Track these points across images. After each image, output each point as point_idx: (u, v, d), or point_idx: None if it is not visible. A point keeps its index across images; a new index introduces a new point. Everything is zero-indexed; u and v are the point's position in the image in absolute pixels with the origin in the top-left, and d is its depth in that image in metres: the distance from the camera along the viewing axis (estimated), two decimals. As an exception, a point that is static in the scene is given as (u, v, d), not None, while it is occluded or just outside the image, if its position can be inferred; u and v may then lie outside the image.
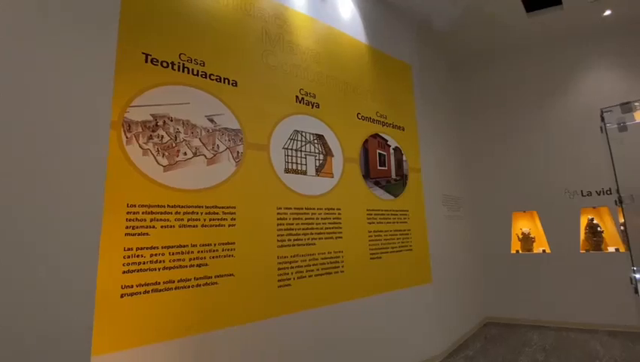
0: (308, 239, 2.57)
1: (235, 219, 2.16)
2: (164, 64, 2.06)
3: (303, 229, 2.56)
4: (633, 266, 1.95)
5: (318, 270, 2.60)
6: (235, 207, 2.17)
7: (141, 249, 1.80)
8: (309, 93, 2.85)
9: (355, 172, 3.13)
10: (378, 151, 3.41)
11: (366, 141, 3.31)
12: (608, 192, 4.21)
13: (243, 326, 2.10)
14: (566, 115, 4.67)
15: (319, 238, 2.66)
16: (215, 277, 2.03)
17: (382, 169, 3.41)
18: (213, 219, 2.08)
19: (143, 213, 1.83)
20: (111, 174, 1.72)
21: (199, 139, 2.11)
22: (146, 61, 1.99)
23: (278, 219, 2.41)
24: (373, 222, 3.17)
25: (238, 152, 2.26)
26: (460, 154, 5.08)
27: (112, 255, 1.70)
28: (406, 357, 3.16)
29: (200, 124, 2.13)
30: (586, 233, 4.44)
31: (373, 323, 2.95)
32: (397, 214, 3.43)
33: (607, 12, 4.39)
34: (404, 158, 3.66)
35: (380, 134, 3.48)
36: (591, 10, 4.34)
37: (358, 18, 3.53)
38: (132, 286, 1.73)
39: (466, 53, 5.32)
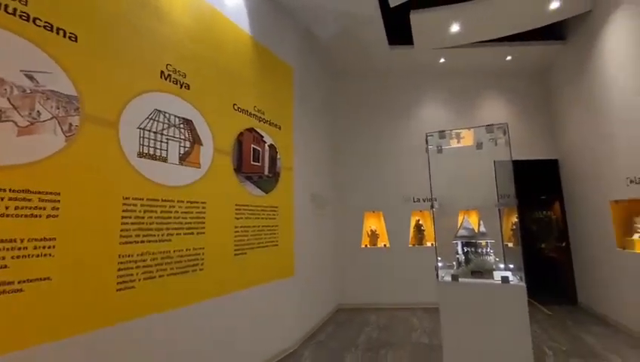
0: (162, 235, 2.28)
1: (58, 209, 1.70)
2: (-50, -16, 1.45)
3: (157, 223, 2.26)
4: (437, 257, 2.56)
5: (172, 269, 2.35)
6: (59, 193, 1.72)
7: None
8: (179, 71, 2.55)
9: (226, 164, 2.98)
10: (253, 146, 3.36)
11: (241, 134, 3.21)
12: (429, 199, 5.43)
13: (65, 340, 1.69)
14: (409, 135, 5.76)
15: (177, 234, 2.40)
16: (19, 282, 1.56)
17: (255, 164, 3.38)
18: (23, 208, 1.59)
19: None
20: None
21: (8, 99, 1.58)
22: None
23: (123, 210, 2.04)
24: (241, 218, 3.10)
25: (70, 125, 1.80)
26: (329, 158, 5.56)
27: None
28: (266, 349, 3.23)
29: (11, 80, 1.60)
30: (414, 231, 5.60)
31: (233, 320, 2.88)
32: (266, 210, 3.46)
33: (442, 60, 5.66)
34: (278, 156, 3.73)
35: (256, 129, 3.44)
36: (432, 55, 5.50)
37: (243, 8, 3.40)
38: None
39: (343, 69, 5.88)
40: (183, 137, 2.52)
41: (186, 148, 2.55)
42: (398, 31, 5.14)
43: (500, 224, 5.21)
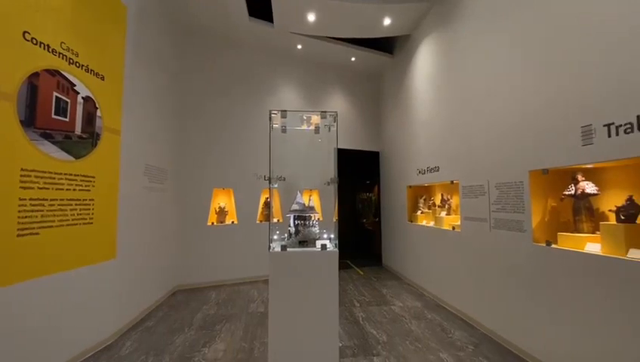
0: None
1: None
2: None
3: None
4: (270, 229, 2.70)
5: None
6: None
7: None
8: None
9: (4, 113, 2.17)
10: (56, 94, 2.58)
11: (36, 75, 2.39)
12: (278, 178, 5.70)
13: None
14: (263, 114, 5.79)
15: None
16: None
17: (59, 119, 2.61)
18: None
19: None
20: None
21: None
22: None
23: None
24: (32, 188, 2.36)
25: None
26: (173, 127, 4.94)
27: None
28: (69, 347, 2.63)
29: None
30: (263, 208, 5.76)
31: (14, 318, 2.19)
32: (76, 180, 2.76)
33: (299, 46, 5.89)
34: (98, 114, 3.02)
35: (64, 73, 2.65)
36: (290, 40, 5.65)
37: None
38: None
39: (197, 28, 5.26)
40: None
41: None
42: (261, 5, 5.00)
43: (334, 202, 6.02)
